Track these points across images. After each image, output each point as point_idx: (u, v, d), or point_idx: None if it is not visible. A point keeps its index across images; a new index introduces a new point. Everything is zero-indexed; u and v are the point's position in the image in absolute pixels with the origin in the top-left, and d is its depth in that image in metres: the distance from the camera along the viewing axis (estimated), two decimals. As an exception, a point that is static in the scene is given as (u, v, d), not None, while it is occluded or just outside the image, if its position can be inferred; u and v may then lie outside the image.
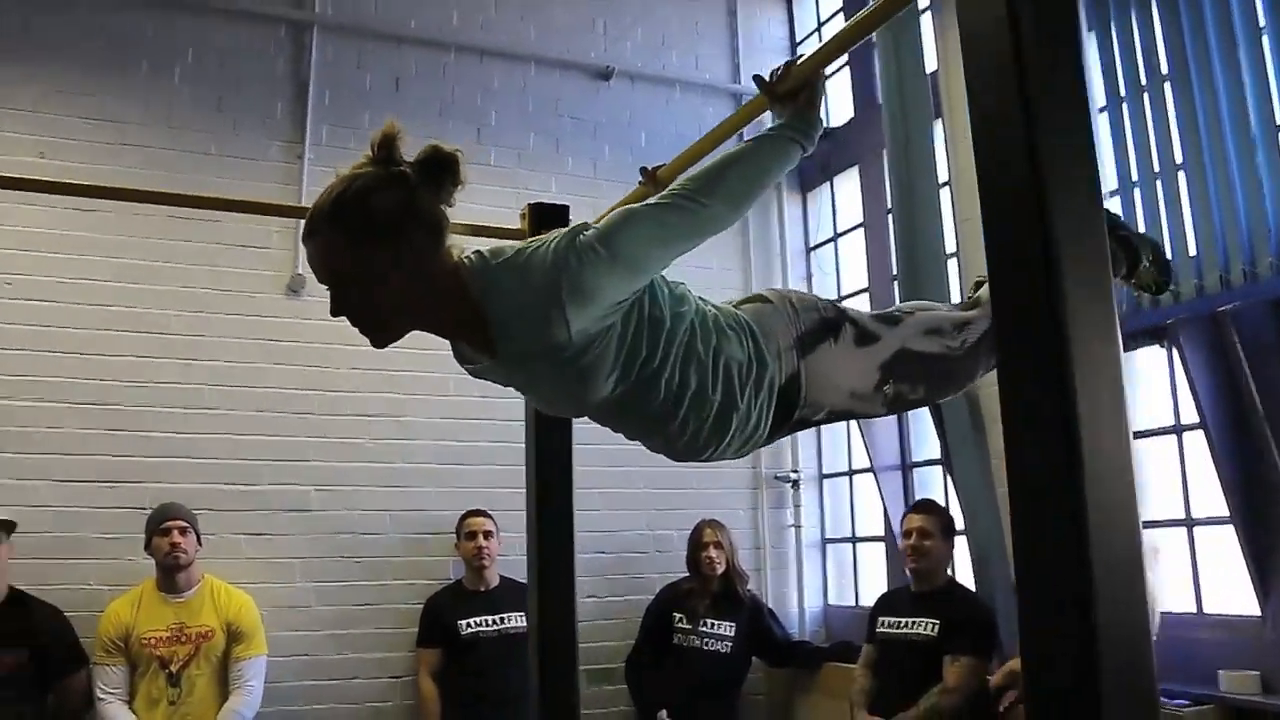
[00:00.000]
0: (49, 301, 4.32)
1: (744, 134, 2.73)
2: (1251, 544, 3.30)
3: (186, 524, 4.02)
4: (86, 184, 3.78)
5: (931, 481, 4.71)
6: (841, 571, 5.39)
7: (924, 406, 2.13)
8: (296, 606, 4.47)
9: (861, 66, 5.31)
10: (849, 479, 5.39)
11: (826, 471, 5.51)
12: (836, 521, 5.46)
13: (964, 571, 4.23)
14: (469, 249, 1.71)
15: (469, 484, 4.68)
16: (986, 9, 1.34)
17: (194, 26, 4.75)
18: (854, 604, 5.21)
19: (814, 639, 5.22)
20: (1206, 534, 3.60)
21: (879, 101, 4.74)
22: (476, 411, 4.61)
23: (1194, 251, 3.42)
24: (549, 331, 1.60)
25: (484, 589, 4.48)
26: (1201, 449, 3.44)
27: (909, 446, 4.85)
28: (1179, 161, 3.51)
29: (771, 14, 5.96)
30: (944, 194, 4.37)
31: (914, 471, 4.81)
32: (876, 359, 1.90)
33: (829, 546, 5.45)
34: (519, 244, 1.69)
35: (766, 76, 1.89)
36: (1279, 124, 3.25)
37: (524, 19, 5.39)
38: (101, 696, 3.86)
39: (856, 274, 5.38)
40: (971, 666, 3.70)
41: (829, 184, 5.62)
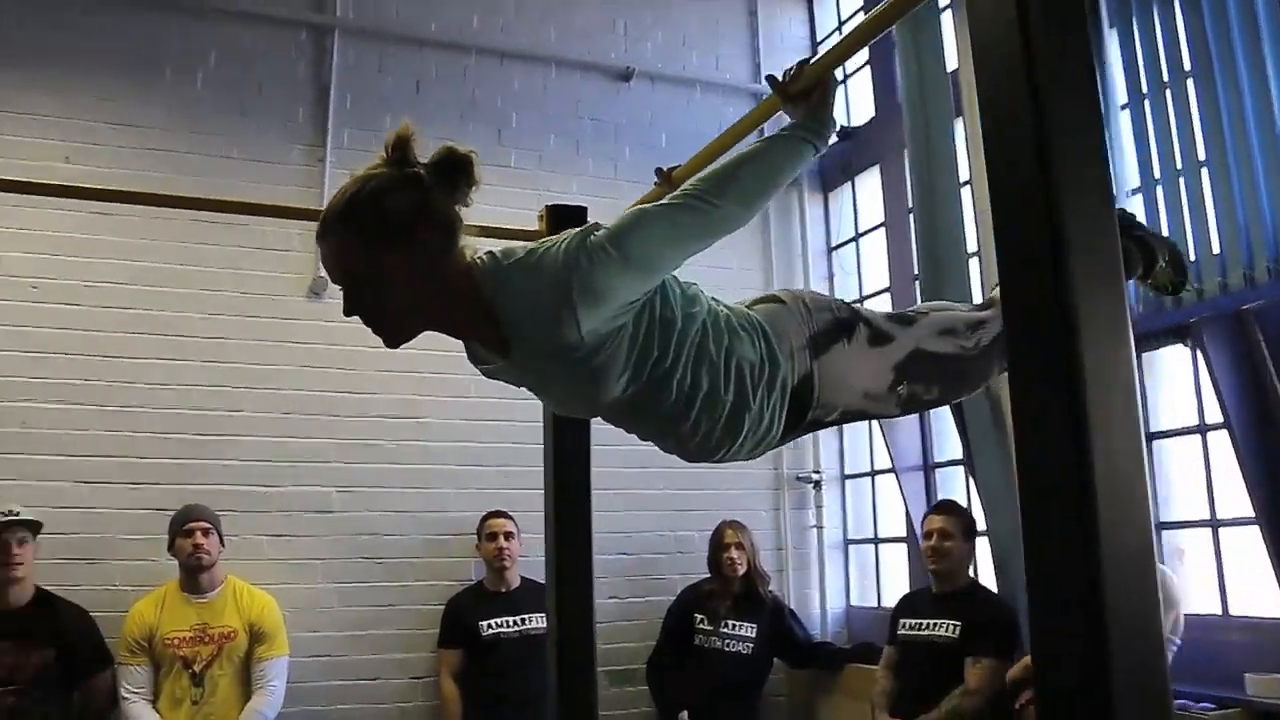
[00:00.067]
0: (74, 305, 4.37)
1: (764, 130, 2.72)
2: (1278, 544, 3.25)
3: (209, 525, 4.05)
4: (110, 188, 3.84)
5: (954, 482, 4.68)
6: (864, 572, 5.37)
7: (938, 407, 2.13)
8: (318, 607, 4.50)
9: (882, 66, 5.29)
10: (871, 479, 5.37)
11: (848, 472, 5.49)
12: (858, 522, 5.44)
13: (986, 572, 4.20)
14: (487, 250, 1.72)
15: (490, 485, 4.69)
16: (997, 9, 1.33)
17: (216, 31, 4.79)
18: (876, 605, 5.19)
19: (836, 640, 5.19)
20: (1232, 535, 3.57)
21: (900, 101, 4.71)
22: (498, 413, 4.60)
23: (1218, 249, 3.39)
24: (560, 332, 1.60)
25: (505, 590, 4.49)
26: (1226, 449, 3.41)
27: (931, 447, 4.83)
28: (1202, 159, 3.48)
29: (792, 14, 5.94)
30: (965, 193, 4.34)
31: (936, 472, 4.79)
32: (890, 359, 1.89)
33: (851, 547, 5.43)
34: (531, 244, 1.69)
35: (780, 77, 1.89)
36: (1303, 120, 3.22)
37: (544, 21, 5.39)
38: (126, 696, 3.89)
39: (878, 274, 5.36)
40: (993, 668, 3.67)
41: (850, 184, 5.60)
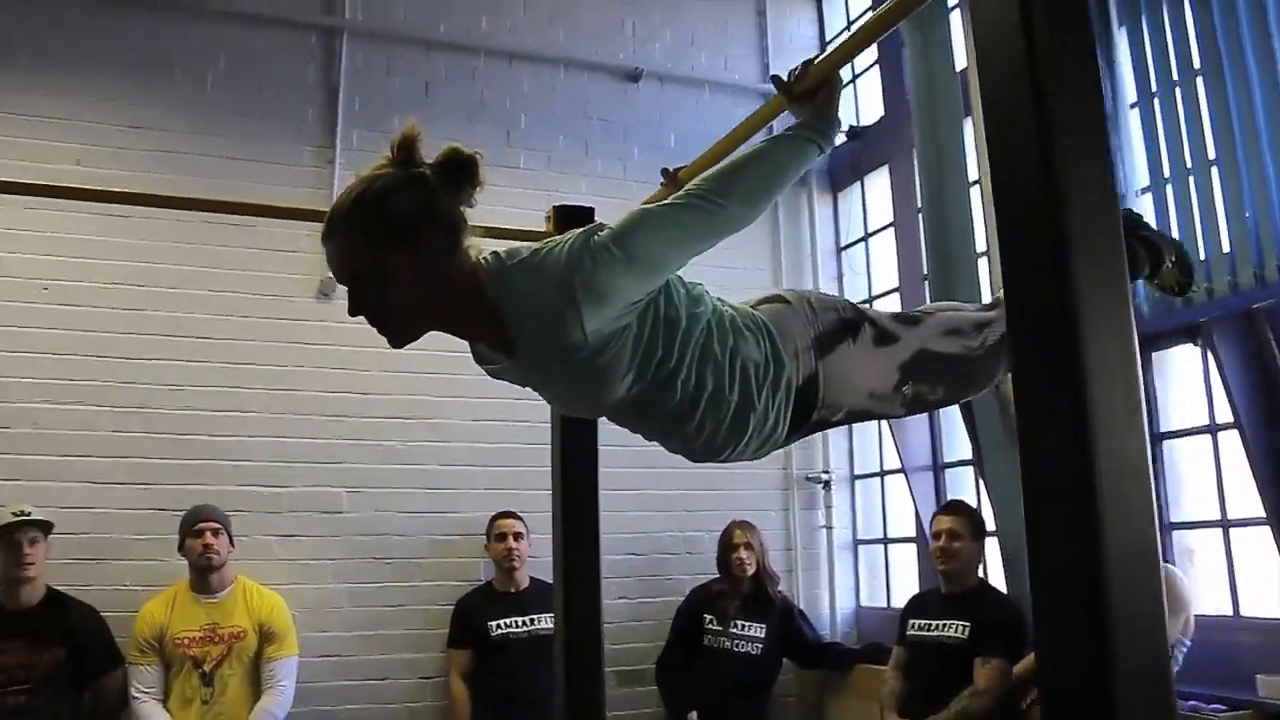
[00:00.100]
0: (85, 306, 4.38)
1: (773, 128, 2.72)
2: (1288, 545, 3.24)
3: (219, 525, 4.06)
4: (120, 191, 3.86)
5: (963, 482, 4.67)
6: (873, 573, 5.36)
7: (943, 407, 2.13)
8: (328, 607, 4.50)
9: (891, 65, 5.28)
10: (881, 480, 5.36)
11: (858, 472, 5.48)
12: (868, 522, 5.43)
13: (996, 573, 4.19)
14: (491, 250, 1.72)
15: (499, 486, 4.69)
16: (999, 11, 1.33)
17: (226, 34, 4.80)
18: (886, 605, 5.17)
19: (846, 640, 5.19)
20: (1243, 535, 3.55)
21: (909, 100, 4.70)
22: (508, 414, 4.59)
23: (1228, 248, 3.37)
24: (564, 332, 1.60)
25: (514, 590, 4.49)
26: (1237, 448, 3.39)
27: (941, 447, 4.82)
28: (1212, 157, 3.46)
29: (801, 13, 5.94)
30: (974, 192, 4.33)
31: (946, 472, 4.78)
32: (895, 359, 1.89)
33: (860, 547, 5.42)
34: (535, 245, 1.69)
35: (786, 77, 1.89)
36: (1314, 118, 3.21)
37: (553, 22, 5.40)
38: (136, 696, 3.90)
39: (887, 274, 5.35)
40: (1002, 669, 3.66)
41: (860, 183, 5.59)
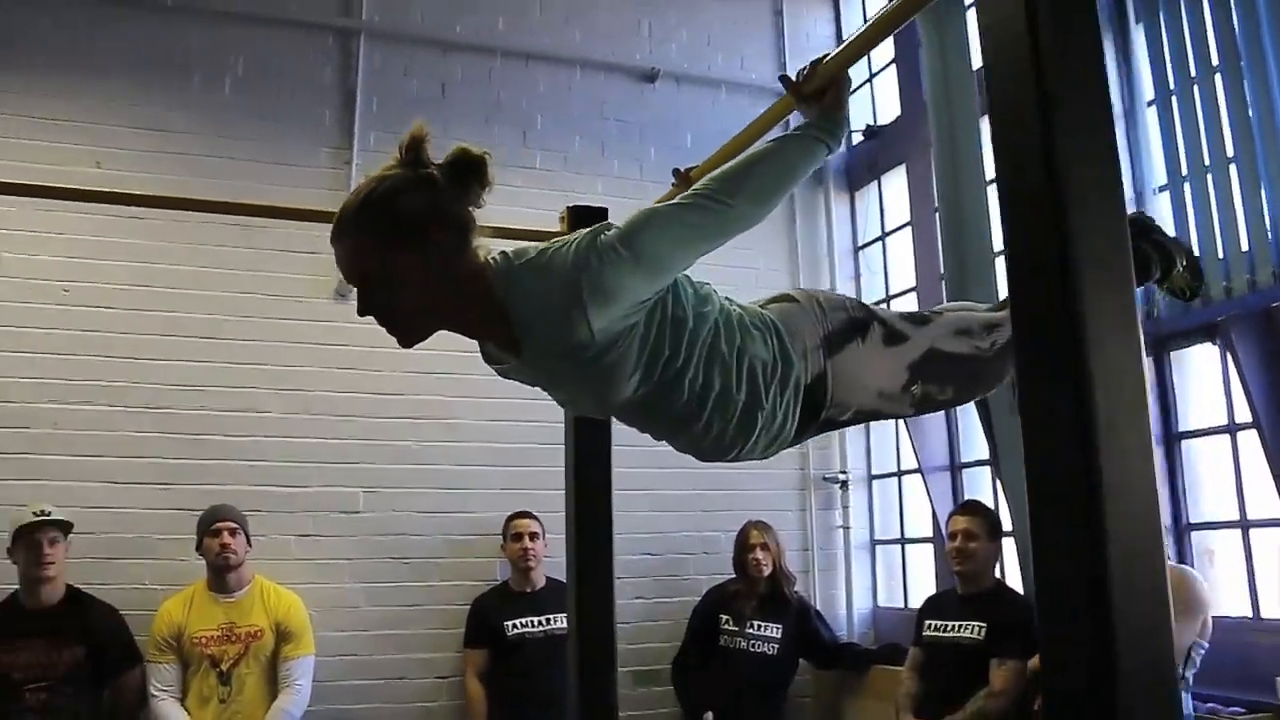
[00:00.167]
0: (105, 307, 4.42)
1: (789, 123, 2.72)
2: (1308, 546, 3.22)
3: (237, 525, 4.09)
4: (140, 193, 3.88)
5: (980, 482, 4.65)
6: (890, 573, 5.34)
7: (952, 407, 2.12)
8: (345, 607, 4.52)
9: (908, 64, 5.26)
10: (898, 480, 5.34)
11: (875, 472, 5.46)
12: (885, 523, 5.41)
13: (1013, 573, 4.17)
14: (500, 250, 1.73)
15: (516, 485, 4.70)
16: (1005, 12, 1.32)
17: (244, 37, 4.83)
18: (903, 606, 5.15)
19: (863, 641, 5.17)
20: (1262, 536, 3.53)
21: (925, 99, 4.69)
22: (523, 413, 4.57)
23: (1246, 246, 3.35)
24: (571, 331, 1.60)
25: (530, 590, 4.50)
26: (1256, 448, 3.37)
27: (958, 447, 4.80)
28: (1230, 155, 3.44)
29: (818, 13, 5.92)
30: (991, 191, 4.31)
31: (963, 472, 4.76)
32: (905, 359, 1.88)
33: (878, 548, 5.40)
34: (543, 244, 1.70)
35: (793, 76, 1.89)
36: (1333, 115, 3.18)
37: (569, 23, 5.40)
38: (155, 694, 3.93)
39: (904, 273, 5.33)
40: (1018, 670, 3.64)
41: (876, 182, 5.57)
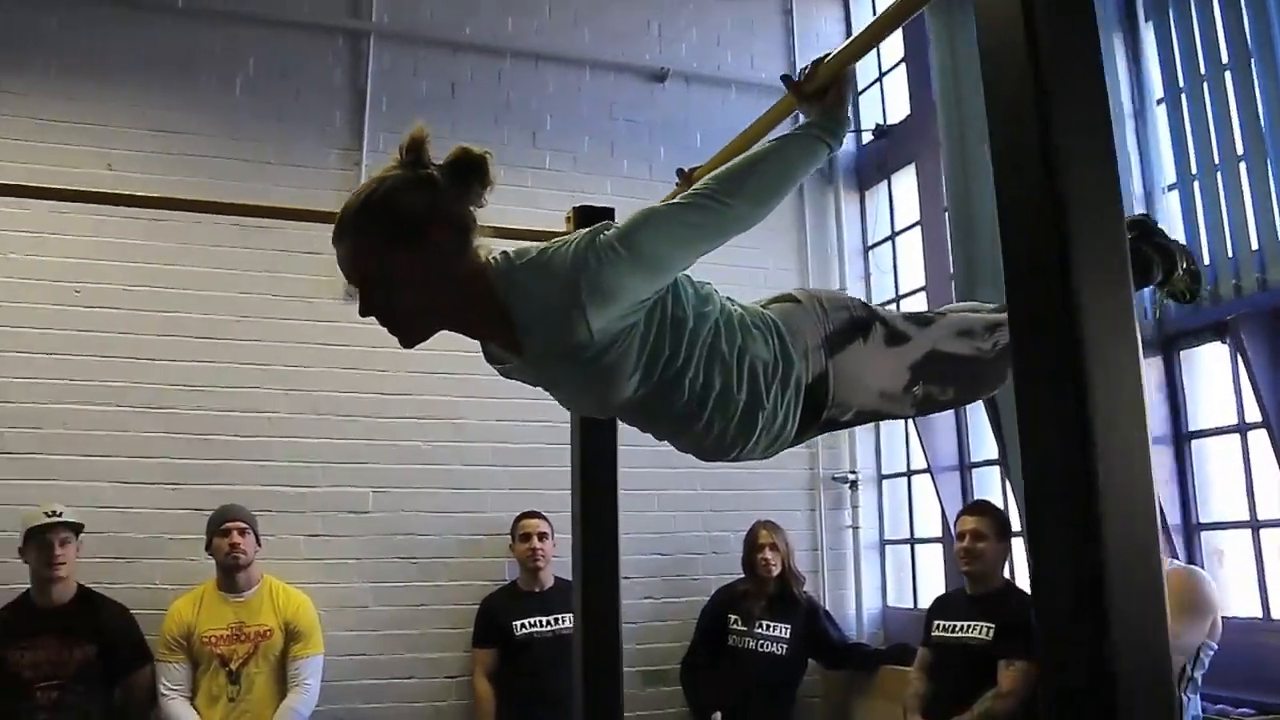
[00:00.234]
0: (114, 308, 4.44)
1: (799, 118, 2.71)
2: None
3: (246, 525, 4.10)
4: (150, 195, 3.90)
5: (990, 482, 4.64)
6: (899, 573, 5.32)
7: (954, 408, 2.11)
8: (354, 606, 4.53)
9: (918, 63, 5.25)
10: (907, 480, 5.33)
11: (885, 472, 5.44)
12: (895, 522, 5.39)
13: (1023, 573, 4.16)
14: (501, 250, 1.73)
15: (524, 485, 4.70)
16: (1002, 9, 1.32)
17: (255, 38, 4.85)
18: (912, 606, 5.13)
19: (872, 641, 5.16)
20: (1273, 536, 3.50)
21: (935, 98, 4.67)
22: (531, 413, 4.57)
23: (1256, 245, 3.33)
24: (570, 331, 1.60)
25: (538, 590, 4.50)
26: (1266, 448, 3.35)
27: (967, 447, 4.78)
28: (1240, 153, 3.42)
29: (827, 12, 5.91)
30: (999, 191, 4.29)
31: (972, 472, 4.74)
32: (907, 359, 1.88)
33: (887, 548, 5.38)
34: (543, 244, 1.70)
35: (795, 76, 1.89)
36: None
37: (578, 23, 5.41)
38: (165, 693, 3.95)
39: (914, 273, 5.31)
40: (1026, 670, 3.62)
41: (886, 182, 5.56)
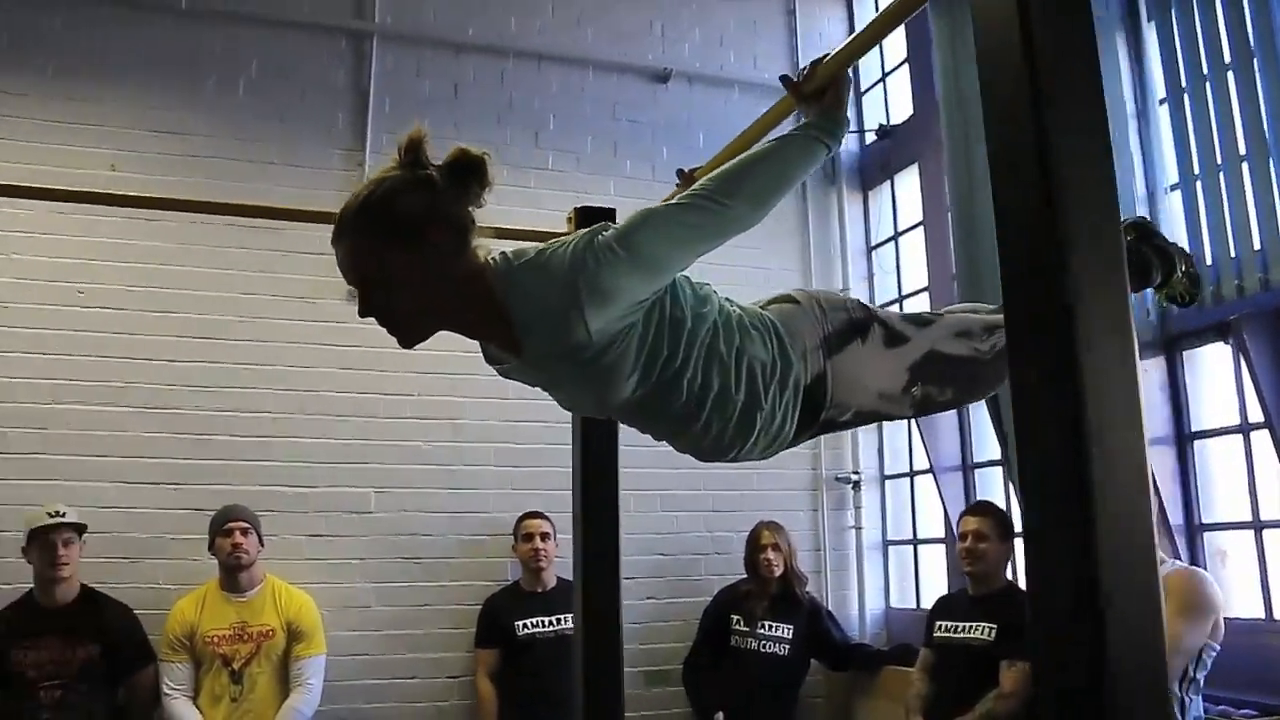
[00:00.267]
0: (119, 309, 4.45)
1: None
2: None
3: (248, 525, 4.11)
4: (154, 196, 3.90)
5: (993, 482, 4.63)
6: (903, 573, 5.32)
7: (953, 409, 2.11)
8: (356, 607, 4.54)
9: (921, 63, 5.24)
10: (910, 480, 5.32)
11: (888, 472, 5.44)
12: (898, 523, 5.39)
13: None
14: (500, 251, 1.73)
15: (526, 486, 4.70)
16: (998, 9, 1.32)
17: (258, 40, 4.86)
18: (915, 606, 5.13)
19: (875, 641, 5.15)
20: (1275, 537, 3.49)
21: (938, 98, 4.67)
22: (534, 414, 4.56)
23: (1258, 245, 3.33)
24: (569, 332, 1.60)
25: (541, 590, 4.51)
26: (1268, 448, 3.34)
27: (970, 447, 4.78)
28: (1243, 153, 3.41)
29: (830, 13, 5.90)
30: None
31: (975, 472, 4.74)
32: (905, 360, 1.88)
33: (890, 548, 5.38)
34: (542, 245, 1.70)
35: (794, 77, 1.89)
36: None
37: (581, 23, 5.41)
38: (168, 692, 3.96)
39: (918, 273, 5.30)
40: (1028, 671, 3.61)
41: (889, 182, 5.55)
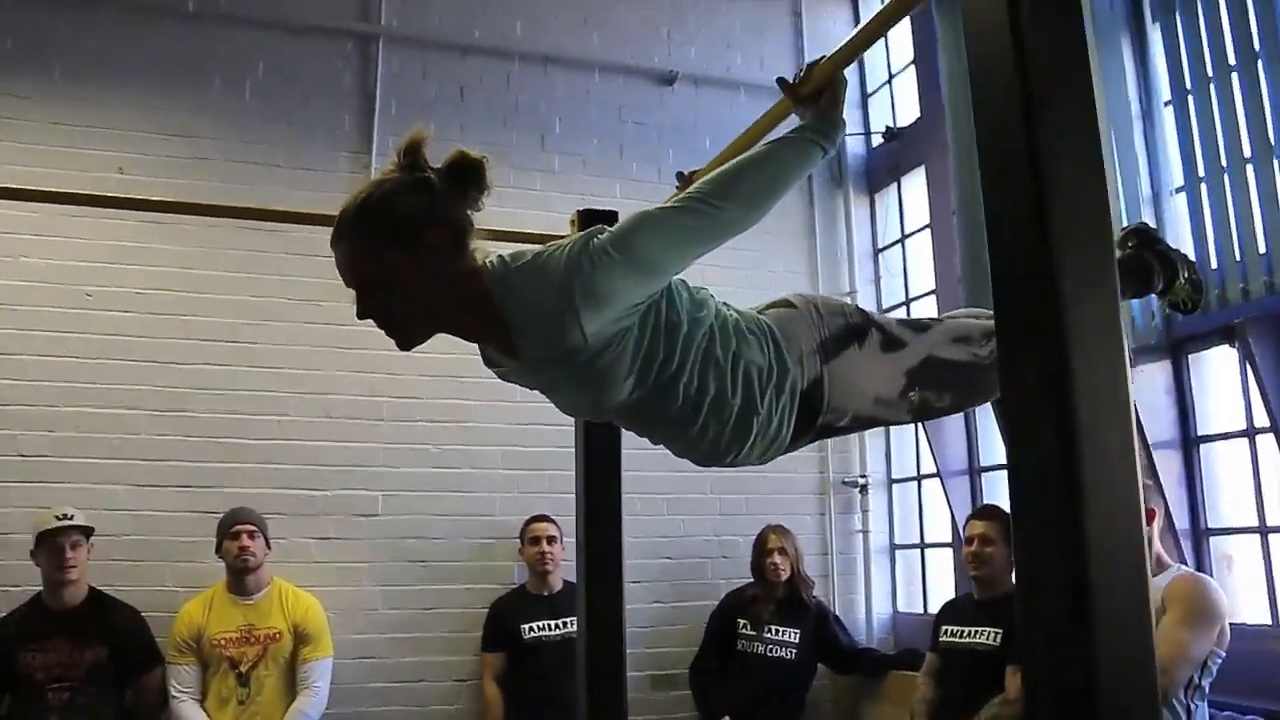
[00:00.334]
0: (126, 312, 4.47)
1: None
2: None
3: (256, 528, 4.11)
4: (161, 199, 3.91)
5: (1000, 487, 4.61)
6: (910, 578, 5.31)
7: (950, 414, 2.09)
8: (363, 610, 4.54)
9: (927, 66, 5.23)
10: (917, 484, 5.31)
11: (895, 477, 5.43)
12: (905, 527, 5.37)
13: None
14: (497, 254, 1.73)
15: (533, 489, 4.71)
16: (989, 12, 1.31)
17: (264, 42, 4.87)
18: (922, 611, 5.12)
19: (882, 646, 5.14)
20: (1282, 541, 3.49)
21: (944, 101, 4.66)
22: (541, 417, 4.50)
23: (1263, 249, 3.31)
24: (564, 335, 1.61)
25: (547, 593, 4.51)
26: (1274, 453, 3.33)
27: (977, 451, 4.77)
28: (1247, 155, 3.40)
29: (837, 15, 5.89)
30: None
31: (982, 476, 4.72)
32: (902, 365, 1.88)
33: (897, 552, 5.37)
34: (539, 248, 1.71)
35: (790, 79, 1.89)
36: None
37: (587, 26, 5.41)
38: (175, 695, 3.96)
39: (924, 275, 5.29)
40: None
41: (896, 185, 5.54)
